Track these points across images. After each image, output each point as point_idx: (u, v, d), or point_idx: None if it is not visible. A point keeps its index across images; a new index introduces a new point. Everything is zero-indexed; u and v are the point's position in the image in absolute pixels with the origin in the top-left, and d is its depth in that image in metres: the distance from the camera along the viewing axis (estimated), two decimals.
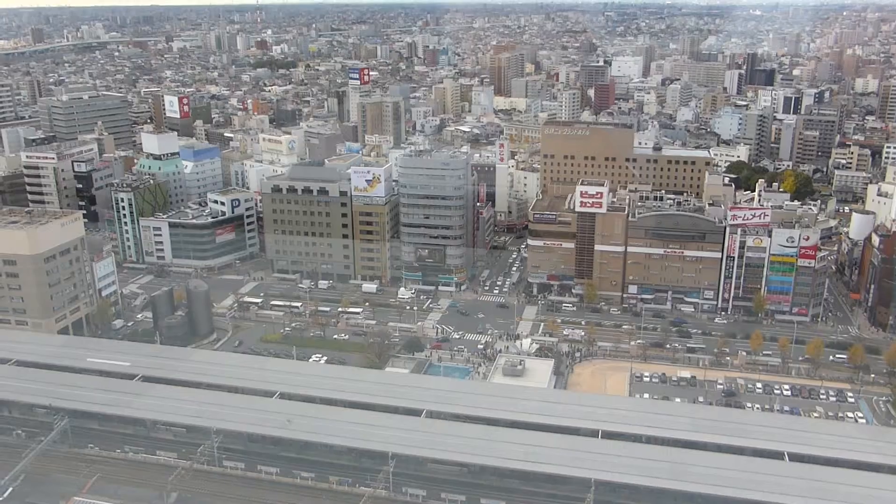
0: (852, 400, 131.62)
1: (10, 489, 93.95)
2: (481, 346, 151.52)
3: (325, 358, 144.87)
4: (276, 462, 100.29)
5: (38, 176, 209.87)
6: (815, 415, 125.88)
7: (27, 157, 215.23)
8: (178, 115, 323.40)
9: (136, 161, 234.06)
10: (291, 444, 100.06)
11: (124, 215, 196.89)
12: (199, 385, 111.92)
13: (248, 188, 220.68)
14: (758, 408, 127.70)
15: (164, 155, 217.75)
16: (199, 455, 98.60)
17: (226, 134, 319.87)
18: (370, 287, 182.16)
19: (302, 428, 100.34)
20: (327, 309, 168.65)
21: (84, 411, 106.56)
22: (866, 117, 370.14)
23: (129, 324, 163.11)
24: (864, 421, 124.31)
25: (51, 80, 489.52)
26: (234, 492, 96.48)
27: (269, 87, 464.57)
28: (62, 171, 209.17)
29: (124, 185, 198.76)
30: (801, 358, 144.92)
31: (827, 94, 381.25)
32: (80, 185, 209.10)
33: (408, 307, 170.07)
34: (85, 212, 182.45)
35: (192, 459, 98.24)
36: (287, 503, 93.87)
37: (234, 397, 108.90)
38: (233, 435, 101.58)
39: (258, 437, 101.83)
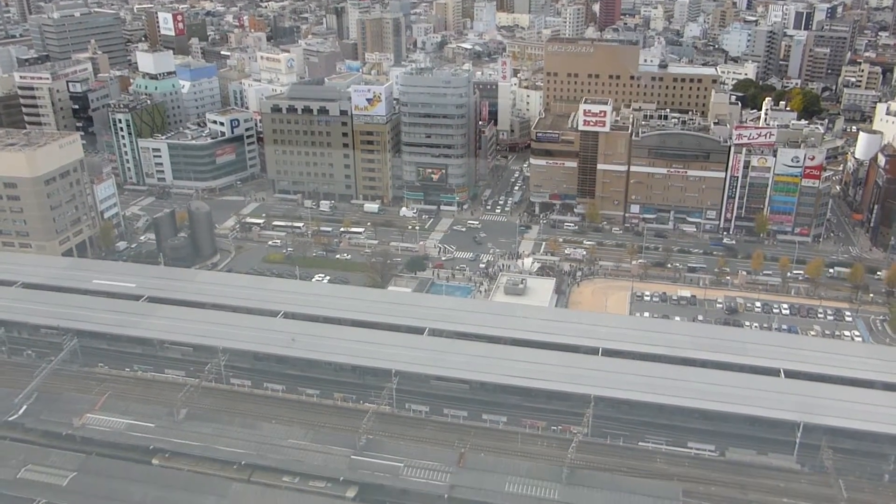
0: (850, 319, 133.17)
1: (25, 407, 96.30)
2: (483, 266, 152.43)
3: (327, 277, 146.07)
4: (282, 379, 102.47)
5: (34, 97, 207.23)
6: (813, 333, 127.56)
7: (21, 77, 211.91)
8: (172, 33, 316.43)
9: (131, 81, 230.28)
10: (296, 362, 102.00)
11: (123, 136, 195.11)
12: (205, 305, 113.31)
13: (247, 108, 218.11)
14: (756, 326, 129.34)
15: (160, 74, 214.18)
16: (206, 373, 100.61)
17: (222, 52, 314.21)
18: (372, 207, 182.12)
19: (306, 346, 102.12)
20: (329, 229, 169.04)
21: (92, 331, 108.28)
22: (879, 33, 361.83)
23: (133, 246, 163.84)
24: (860, 339, 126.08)
25: None
26: (242, 408, 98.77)
27: (266, 3, 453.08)
28: (57, 91, 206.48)
29: (121, 106, 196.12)
30: (800, 277, 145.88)
31: (840, 9, 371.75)
32: (77, 106, 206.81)
33: (410, 226, 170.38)
34: (82, 133, 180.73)
35: (201, 377, 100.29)
36: (293, 419, 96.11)
37: (239, 317, 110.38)
38: (239, 353, 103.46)
39: (264, 356, 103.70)
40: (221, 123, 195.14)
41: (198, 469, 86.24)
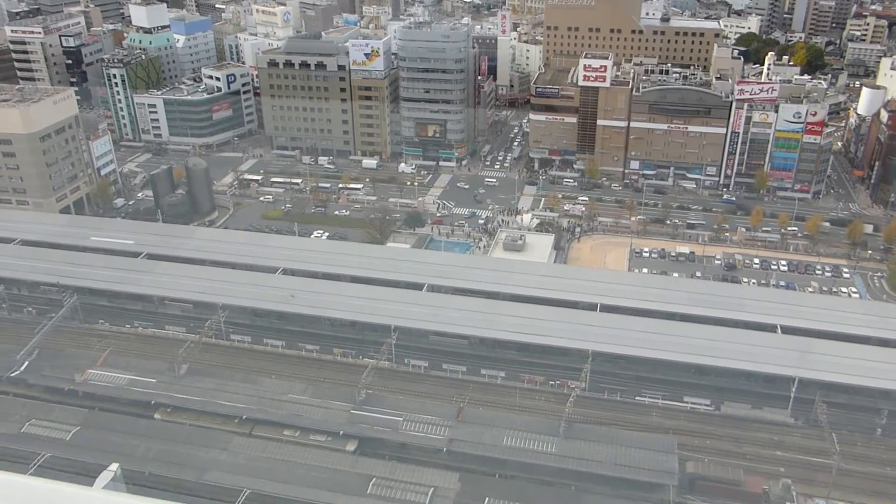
0: (847, 275, 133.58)
1: (27, 363, 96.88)
2: (482, 222, 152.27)
3: (326, 234, 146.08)
4: (282, 335, 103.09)
5: (26, 52, 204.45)
6: (810, 290, 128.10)
7: (12, 31, 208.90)
8: None
9: (125, 35, 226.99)
10: (296, 318, 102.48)
11: (117, 92, 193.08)
12: (204, 262, 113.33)
13: (243, 62, 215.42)
14: (754, 283, 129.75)
15: (154, 28, 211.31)
16: (206, 329, 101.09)
17: (217, 5, 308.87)
18: (370, 163, 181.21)
19: (305, 302, 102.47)
20: (328, 185, 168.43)
21: (92, 288, 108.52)
22: None
23: (130, 202, 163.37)
24: (857, 296, 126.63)
25: None
26: (242, 364, 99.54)
27: None
28: (50, 46, 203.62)
29: (115, 61, 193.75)
30: (799, 234, 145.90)
31: None
32: (70, 61, 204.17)
33: (408, 182, 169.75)
34: (76, 89, 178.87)
35: (201, 333, 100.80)
36: (293, 374, 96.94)
37: (238, 273, 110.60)
38: (238, 310, 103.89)
39: (263, 312, 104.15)
40: (217, 78, 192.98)
41: (199, 423, 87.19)
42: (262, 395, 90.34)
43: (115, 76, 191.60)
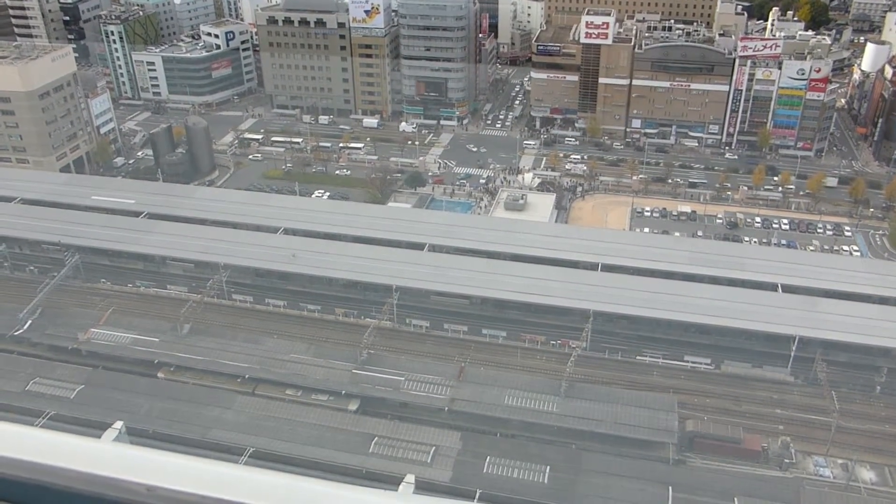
0: (849, 234, 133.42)
1: (30, 322, 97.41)
2: (483, 181, 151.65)
3: (327, 193, 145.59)
4: (283, 295, 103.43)
5: (23, 7, 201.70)
6: (812, 248, 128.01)
7: None
8: None
9: None
10: (297, 277, 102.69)
11: (116, 49, 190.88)
12: (205, 222, 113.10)
13: (242, 20, 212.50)
14: (756, 242, 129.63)
15: None
16: (208, 289, 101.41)
17: None
18: (371, 122, 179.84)
19: (307, 262, 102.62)
20: (328, 144, 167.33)
21: (94, 248, 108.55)
22: None
23: (130, 161, 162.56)
24: (858, 254, 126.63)
25: None
26: (245, 323, 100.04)
27: None
28: (47, 2, 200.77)
29: (113, 17, 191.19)
30: (801, 192, 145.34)
31: None
32: (67, 18, 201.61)
33: (409, 142, 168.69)
34: (74, 46, 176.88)
35: (203, 293, 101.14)
36: (295, 334, 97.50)
37: (239, 233, 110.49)
38: (240, 269, 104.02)
39: (265, 272, 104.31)
40: (216, 36, 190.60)
41: (203, 382, 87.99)
42: (264, 354, 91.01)
43: (112, 33, 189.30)
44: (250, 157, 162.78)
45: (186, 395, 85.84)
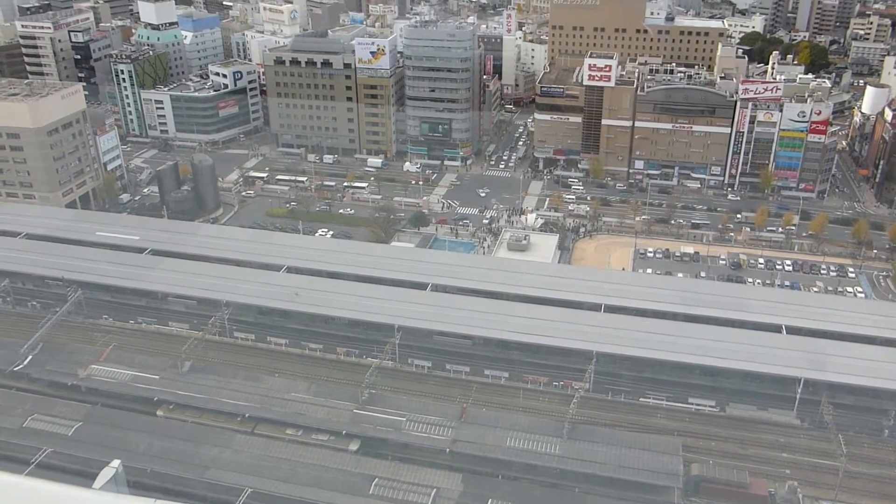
0: (853, 275, 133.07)
1: (30, 357, 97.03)
2: (486, 221, 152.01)
3: (330, 232, 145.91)
4: (285, 333, 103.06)
5: (35, 46, 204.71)
6: (815, 289, 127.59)
7: (22, 26, 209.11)
8: None
9: (133, 31, 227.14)
10: (299, 316, 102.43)
11: (125, 87, 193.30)
12: (208, 259, 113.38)
13: (250, 60, 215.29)
14: (759, 283, 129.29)
15: (162, 25, 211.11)
16: (210, 326, 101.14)
17: (225, 2, 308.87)
18: (375, 161, 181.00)
19: (309, 301, 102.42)
20: (333, 183, 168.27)
21: (97, 283, 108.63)
22: None
23: (136, 198, 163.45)
24: (862, 295, 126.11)
25: None
26: (246, 361, 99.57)
27: None
28: (59, 41, 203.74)
29: (124, 57, 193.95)
30: (804, 234, 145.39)
31: None
32: (79, 56, 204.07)
33: (413, 181, 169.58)
34: (85, 84, 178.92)
35: (204, 330, 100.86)
36: (296, 373, 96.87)
37: (242, 271, 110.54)
38: (242, 307, 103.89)
39: (267, 310, 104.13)
40: (224, 75, 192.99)
41: (202, 421, 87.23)
42: (264, 393, 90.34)
43: (122, 72, 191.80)
44: (243, 193, 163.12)
45: (185, 434, 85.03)
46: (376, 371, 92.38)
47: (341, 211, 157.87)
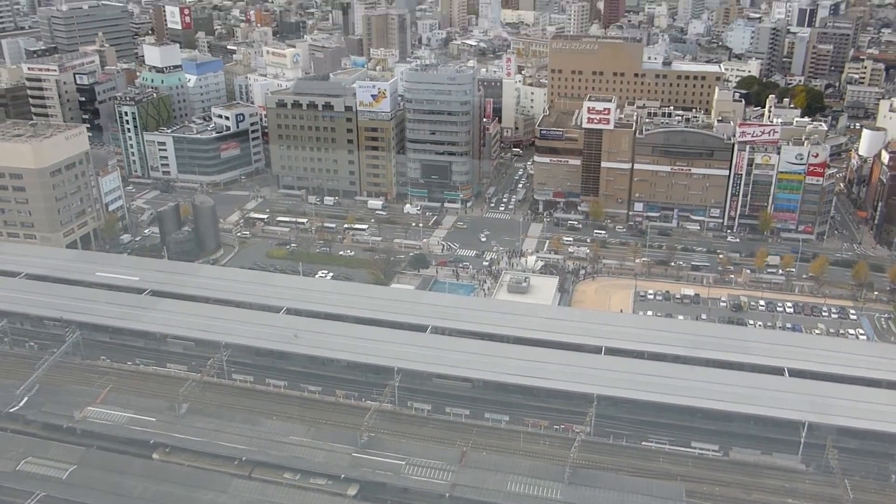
0: (854, 317, 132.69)
1: (26, 399, 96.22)
2: (486, 263, 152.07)
3: (330, 274, 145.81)
4: (284, 375, 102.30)
5: (41, 88, 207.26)
6: (817, 332, 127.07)
7: (28, 68, 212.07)
8: (179, 27, 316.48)
9: (138, 74, 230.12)
10: (298, 358, 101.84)
11: (128, 129, 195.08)
12: (208, 300, 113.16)
13: (252, 102, 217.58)
14: (760, 325, 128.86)
15: (166, 68, 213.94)
16: (208, 368, 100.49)
17: (228, 46, 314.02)
18: (376, 203, 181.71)
19: (309, 342, 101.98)
20: (333, 225, 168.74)
21: (95, 324, 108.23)
22: (882, 30, 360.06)
23: (137, 239, 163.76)
24: (864, 337, 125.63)
25: None
26: (243, 404, 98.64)
27: None
28: (64, 83, 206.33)
29: (128, 99, 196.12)
30: (804, 276, 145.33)
31: (843, 6, 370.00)
32: (83, 98, 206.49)
33: (413, 224, 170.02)
34: (88, 125, 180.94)
35: (202, 372, 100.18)
36: (295, 415, 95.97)
37: (241, 312, 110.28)
38: (241, 349, 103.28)
39: (266, 351, 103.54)
40: (227, 118, 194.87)
41: (198, 464, 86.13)
42: (262, 436, 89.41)
43: (126, 114, 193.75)
44: (238, 234, 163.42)
45: (181, 478, 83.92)
46: (375, 414, 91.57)
47: (341, 252, 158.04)
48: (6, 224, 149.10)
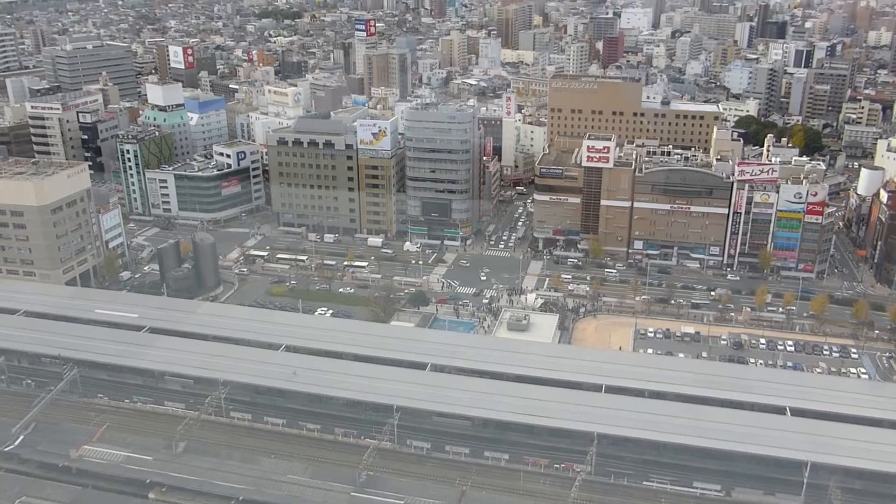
0: (856, 356, 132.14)
1: (22, 437, 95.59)
2: (486, 301, 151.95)
3: (330, 311, 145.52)
4: (283, 413, 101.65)
5: (44, 127, 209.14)
6: (819, 370, 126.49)
7: (32, 107, 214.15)
8: (182, 66, 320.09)
9: (140, 112, 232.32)
10: (297, 396, 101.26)
11: (130, 167, 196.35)
12: (206, 337, 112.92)
13: (253, 141, 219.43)
14: (761, 363, 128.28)
15: (169, 106, 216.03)
16: (206, 406, 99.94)
17: (231, 85, 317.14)
18: (376, 241, 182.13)
19: (308, 380, 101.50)
20: (333, 262, 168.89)
21: (93, 362, 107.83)
22: (878, 71, 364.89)
23: (136, 276, 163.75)
24: (866, 376, 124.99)
25: (54, 29, 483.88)
26: (241, 442, 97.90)
27: (275, 38, 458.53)
28: (67, 121, 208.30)
29: (130, 137, 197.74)
30: (805, 314, 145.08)
31: (839, 48, 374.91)
32: (86, 136, 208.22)
33: (413, 261, 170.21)
34: (90, 163, 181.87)
35: (200, 410, 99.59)
36: (293, 454, 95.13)
37: (240, 349, 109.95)
38: (240, 386, 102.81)
39: (265, 389, 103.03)
40: (228, 156, 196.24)
41: None
42: (260, 475, 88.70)
43: (128, 151, 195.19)
44: (235, 271, 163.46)
45: None
46: (374, 452, 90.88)
47: (341, 290, 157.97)
48: (6, 261, 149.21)
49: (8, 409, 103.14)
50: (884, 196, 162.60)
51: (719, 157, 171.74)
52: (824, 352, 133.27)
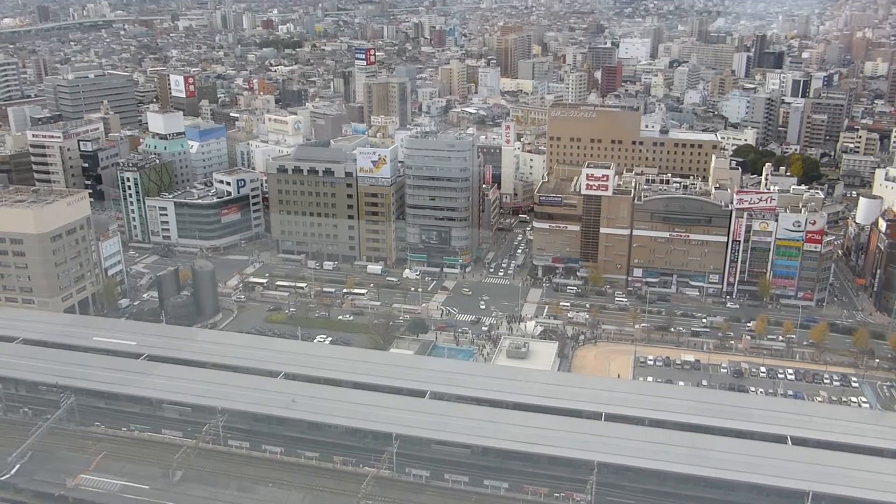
0: (856, 384, 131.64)
1: (18, 466, 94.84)
2: (486, 329, 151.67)
3: (329, 338, 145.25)
4: (281, 441, 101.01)
5: (45, 155, 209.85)
6: (819, 399, 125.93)
7: (33, 135, 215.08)
8: (183, 95, 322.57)
9: (141, 140, 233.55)
10: (296, 423, 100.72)
11: (130, 195, 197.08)
12: (205, 364, 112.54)
13: (253, 168, 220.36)
14: (762, 392, 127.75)
15: (169, 134, 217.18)
16: (204, 434, 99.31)
17: (231, 114, 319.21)
18: (375, 268, 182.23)
19: (306, 408, 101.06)
20: (332, 290, 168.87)
21: (90, 390, 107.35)
22: (875, 101, 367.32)
23: (135, 303, 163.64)
24: (867, 405, 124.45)
25: (56, 58, 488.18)
26: (239, 471, 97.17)
27: (275, 67, 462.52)
28: (68, 150, 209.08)
29: (130, 165, 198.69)
30: (805, 342, 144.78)
31: (836, 78, 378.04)
32: (86, 165, 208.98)
33: (412, 288, 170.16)
34: (91, 191, 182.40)
35: (198, 438, 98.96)
36: (291, 482, 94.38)
37: (239, 377, 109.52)
38: (238, 414, 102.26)
39: (263, 417, 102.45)
40: (228, 183, 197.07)
41: None
42: None
43: (128, 179, 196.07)
44: (233, 298, 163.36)
45: None
46: (373, 481, 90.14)
47: (340, 317, 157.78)
48: (5, 288, 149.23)
49: (5, 437, 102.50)
50: (882, 225, 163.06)
51: (718, 185, 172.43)
52: (825, 380, 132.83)
